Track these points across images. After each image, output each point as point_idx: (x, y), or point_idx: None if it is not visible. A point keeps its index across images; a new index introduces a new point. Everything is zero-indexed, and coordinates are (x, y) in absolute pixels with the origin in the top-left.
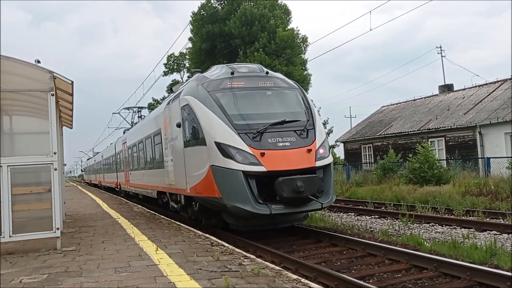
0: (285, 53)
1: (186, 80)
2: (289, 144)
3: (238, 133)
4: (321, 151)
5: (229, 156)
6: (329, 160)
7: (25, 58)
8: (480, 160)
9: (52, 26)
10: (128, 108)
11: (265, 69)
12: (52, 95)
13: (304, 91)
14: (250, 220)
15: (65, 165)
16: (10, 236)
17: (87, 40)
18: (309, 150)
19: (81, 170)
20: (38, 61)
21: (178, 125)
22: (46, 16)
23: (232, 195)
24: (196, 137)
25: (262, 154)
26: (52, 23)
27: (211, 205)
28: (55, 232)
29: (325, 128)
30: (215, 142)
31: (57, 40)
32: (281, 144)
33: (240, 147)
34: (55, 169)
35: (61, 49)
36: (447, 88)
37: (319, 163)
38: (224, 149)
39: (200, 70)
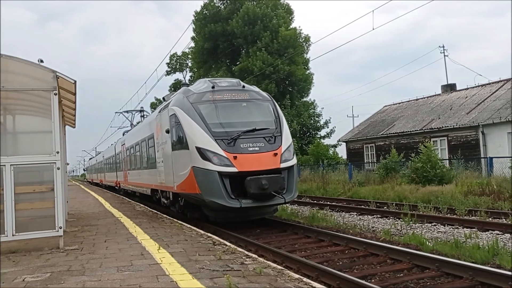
0: (288, 53)
1: (178, 89)
2: (258, 149)
3: (215, 139)
4: (286, 154)
5: (207, 158)
6: (293, 162)
7: (30, 58)
8: (482, 159)
9: (57, 26)
10: (127, 111)
11: (242, 83)
12: (55, 94)
13: (275, 103)
14: (226, 213)
15: (68, 164)
16: (13, 235)
17: (91, 40)
18: (275, 154)
19: (83, 169)
20: (41, 61)
21: (167, 131)
22: (51, 16)
23: (209, 191)
24: (181, 142)
25: (235, 157)
26: (57, 23)
27: (193, 200)
28: (57, 231)
29: (327, 127)
30: (196, 147)
31: (61, 39)
32: (251, 148)
33: (216, 151)
34: (58, 168)
35: (66, 48)
36: (449, 87)
37: (283, 165)
38: (203, 153)
39: (187, 84)
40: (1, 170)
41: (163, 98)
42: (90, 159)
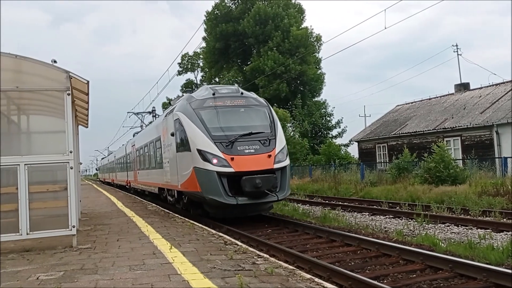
0: (299, 52)
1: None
2: (253, 151)
3: (215, 142)
4: (279, 156)
5: (207, 160)
6: (286, 163)
7: (44, 59)
8: (497, 159)
9: (71, 27)
10: (137, 113)
11: (241, 90)
12: (68, 94)
13: (271, 108)
14: (224, 209)
15: (81, 163)
16: (27, 234)
17: (104, 41)
18: (269, 156)
19: (96, 169)
20: (55, 61)
21: (172, 134)
22: (66, 17)
23: (208, 189)
24: (184, 145)
25: (232, 159)
26: (72, 24)
27: (195, 198)
28: (71, 230)
29: (339, 127)
30: (197, 149)
31: (75, 40)
32: (247, 150)
33: (215, 153)
34: (71, 168)
35: (79, 49)
36: (463, 86)
37: (276, 166)
38: (203, 155)
39: (190, 90)
40: (16, 169)
41: (169, 102)
42: (102, 158)
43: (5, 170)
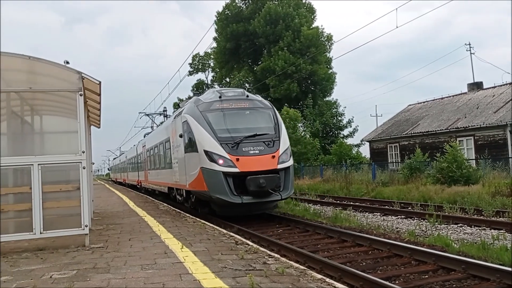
0: (310, 52)
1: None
2: (258, 152)
3: (221, 144)
4: (283, 157)
5: (213, 160)
6: (289, 163)
7: (57, 60)
8: (510, 159)
9: (84, 28)
10: (148, 115)
11: (246, 93)
12: (81, 95)
13: (275, 110)
14: (230, 208)
15: (93, 163)
16: (40, 233)
17: (116, 41)
18: (273, 156)
19: (108, 169)
20: (67, 62)
21: (180, 136)
22: (78, 18)
23: (215, 189)
24: (191, 146)
25: (237, 159)
26: (84, 25)
27: (202, 197)
28: (83, 229)
29: (350, 127)
30: (204, 150)
31: (88, 41)
32: (252, 151)
33: (221, 154)
34: (84, 168)
35: (92, 50)
36: (476, 86)
37: (280, 166)
38: (210, 155)
39: (198, 92)
40: (29, 169)
41: (178, 105)
42: (114, 159)
43: (19, 170)
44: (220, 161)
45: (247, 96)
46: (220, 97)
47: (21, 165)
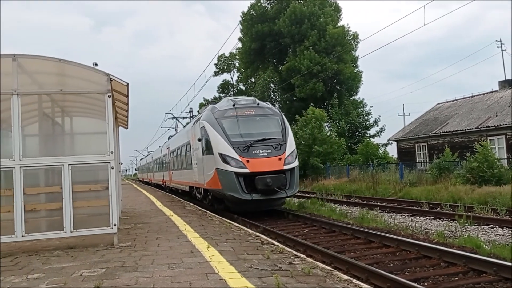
0: (336, 51)
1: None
2: (266, 154)
3: (233, 147)
4: (289, 159)
5: (226, 162)
6: (295, 164)
7: (86, 62)
8: None
9: (112, 30)
10: (173, 118)
11: (257, 101)
12: (109, 96)
13: (283, 116)
14: (241, 204)
15: (121, 163)
16: (71, 231)
17: (143, 43)
18: (280, 158)
19: (135, 169)
20: (96, 64)
21: (199, 140)
22: (106, 21)
23: (228, 187)
24: (208, 149)
25: (248, 161)
26: (112, 27)
27: (217, 194)
28: (112, 228)
29: (377, 126)
30: (219, 153)
31: (116, 43)
32: (261, 154)
33: (234, 156)
34: (112, 168)
35: (120, 52)
36: (508, 83)
37: (286, 167)
38: (224, 158)
39: (215, 101)
40: (60, 169)
41: (198, 111)
42: (141, 159)
43: (50, 170)
44: (233, 163)
45: (258, 104)
46: (233, 105)
47: (52, 165)
